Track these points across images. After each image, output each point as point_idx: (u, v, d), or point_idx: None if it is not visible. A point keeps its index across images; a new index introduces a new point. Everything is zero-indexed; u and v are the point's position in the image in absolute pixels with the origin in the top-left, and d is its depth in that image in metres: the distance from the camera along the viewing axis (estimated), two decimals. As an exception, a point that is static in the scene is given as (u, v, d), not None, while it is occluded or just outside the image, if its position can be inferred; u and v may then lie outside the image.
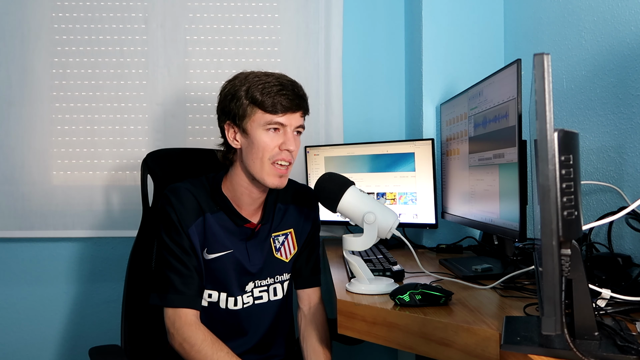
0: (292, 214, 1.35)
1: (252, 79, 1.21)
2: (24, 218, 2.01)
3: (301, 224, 1.36)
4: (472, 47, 1.92)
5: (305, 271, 1.37)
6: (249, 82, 1.21)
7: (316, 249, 1.40)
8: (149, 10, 2.06)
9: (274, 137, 1.20)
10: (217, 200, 1.27)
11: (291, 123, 1.20)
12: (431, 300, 1.04)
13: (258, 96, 1.18)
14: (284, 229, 1.34)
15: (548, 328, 0.65)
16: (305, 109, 1.24)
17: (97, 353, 1.20)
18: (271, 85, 1.19)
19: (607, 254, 1.12)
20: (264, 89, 1.19)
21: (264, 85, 1.19)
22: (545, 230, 0.66)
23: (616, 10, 1.26)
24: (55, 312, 2.10)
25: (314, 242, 1.39)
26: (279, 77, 1.22)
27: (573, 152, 0.70)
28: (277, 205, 1.34)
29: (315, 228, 1.40)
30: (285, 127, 1.20)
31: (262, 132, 1.20)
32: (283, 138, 1.20)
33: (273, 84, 1.19)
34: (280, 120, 1.19)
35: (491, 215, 1.35)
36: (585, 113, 1.37)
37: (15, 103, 2.02)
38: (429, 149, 1.75)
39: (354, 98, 2.14)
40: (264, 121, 1.19)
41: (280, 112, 1.18)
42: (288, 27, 2.08)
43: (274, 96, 1.18)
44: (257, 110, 1.20)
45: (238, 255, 1.26)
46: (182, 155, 1.59)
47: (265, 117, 1.19)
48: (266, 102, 1.18)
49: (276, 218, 1.33)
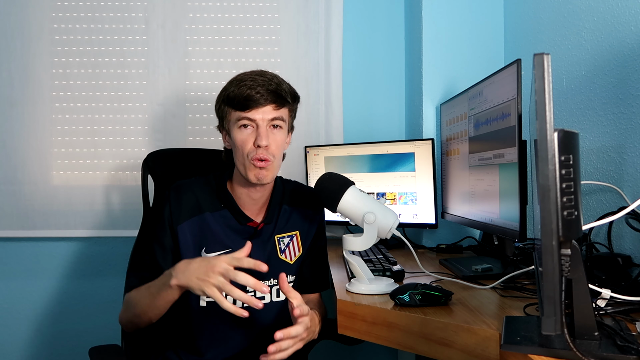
0: (298, 217, 1.35)
1: (232, 80, 1.23)
2: (25, 218, 2.02)
3: (306, 227, 1.36)
4: (472, 47, 1.92)
5: (311, 275, 1.36)
6: (229, 84, 1.23)
7: (323, 252, 1.39)
8: (149, 10, 2.06)
9: (247, 133, 1.20)
10: (221, 197, 1.28)
11: (262, 117, 1.19)
12: (431, 300, 1.04)
13: (230, 95, 1.21)
14: (290, 230, 1.34)
15: (548, 328, 0.65)
16: (279, 102, 1.21)
17: (97, 353, 1.21)
18: (243, 83, 1.19)
19: (607, 254, 1.12)
20: (236, 88, 1.20)
21: (237, 83, 1.21)
22: (545, 230, 0.66)
23: (616, 10, 1.26)
24: (56, 311, 2.10)
25: (321, 246, 1.38)
26: (257, 74, 1.21)
27: (573, 152, 0.70)
28: (282, 207, 1.34)
29: (320, 231, 1.38)
30: (256, 121, 1.20)
31: (236, 130, 1.21)
32: (256, 134, 1.20)
33: (245, 82, 1.19)
34: (247, 116, 1.19)
35: (491, 215, 1.35)
36: (585, 113, 1.37)
37: (16, 103, 2.02)
38: (429, 149, 1.75)
39: (354, 98, 2.14)
40: (235, 118, 1.21)
41: (248, 108, 1.19)
42: (288, 27, 2.08)
43: (243, 93, 1.18)
44: (230, 109, 1.22)
45: None
46: (183, 155, 1.59)
47: (236, 114, 1.20)
48: (234, 99, 1.20)
49: (281, 219, 1.33)
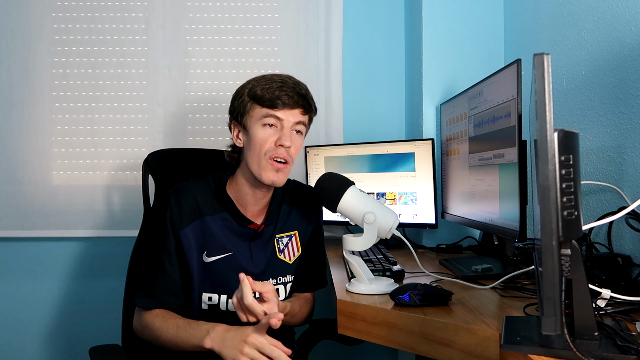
0: (296, 216, 1.35)
1: (258, 79, 1.24)
2: (25, 218, 2.02)
3: (305, 226, 1.36)
4: (472, 47, 1.92)
5: (307, 274, 1.37)
6: (255, 81, 1.23)
7: (320, 251, 1.39)
8: (149, 10, 2.06)
9: (270, 132, 1.20)
10: (221, 200, 1.27)
11: (288, 119, 1.20)
12: (431, 300, 1.04)
13: (258, 92, 1.20)
14: (289, 230, 1.34)
15: (548, 328, 0.65)
16: (307, 108, 1.23)
17: (97, 352, 1.21)
18: (272, 82, 1.20)
19: (607, 254, 1.12)
20: (265, 85, 1.20)
21: (266, 82, 1.21)
22: (545, 230, 0.66)
23: (616, 10, 1.26)
24: (56, 311, 2.10)
25: (318, 244, 1.38)
26: (285, 77, 1.23)
27: (573, 152, 0.70)
28: (282, 207, 1.33)
29: (317, 229, 1.38)
30: (282, 121, 1.20)
31: (259, 127, 1.21)
32: (279, 134, 1.20)
33: (275, 82, 1.20)
34: (276, 114, 1.19)
35: (491, 215, 1.35)
36: (585, 113, 1.37)
37: (16, 103, 2.02)
38: (429, 149, 1.75)
39: (354, 98, 2.14)
40: (260, 115, 1.20)
41: (277, 107, 1.19)
42: (288, 27, 2.08)
43: (273, 92, 1.19)
44: (255, 106, 1.21)
45: (239, 257, 1.26)
46: (183, 156, 1.59)
47: (262, 111, 1.20)
48: (264, 96, 1.19)
49: (281, 219, 1.33)
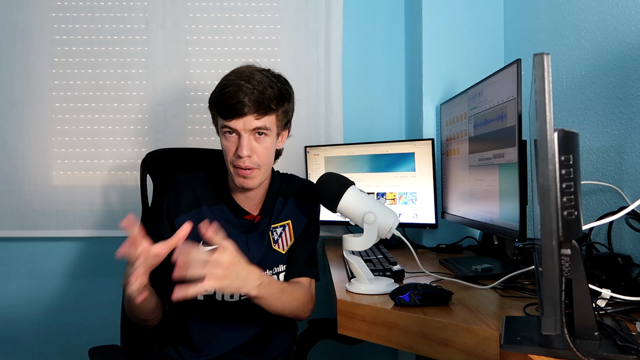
0: (290, 206, 1.35)
1: (221, 82, 1.20)
2: (24, 218, 2.02)
3: (299, 217, 1.35)
4: (472, 47, 1.92)
5: (299, 260, 1.33)
6: (218, 85, 1.20)
7: (311, 241, 1.37)
8: (149, 10, 2.06)
9: (232, 141, 1.18)
10: (219, 192, 1.28)
11: (243, 127, 1.15)
12: (431, 300, 1.04)
13: (213, 100, 1.18)
14: (282, 220, 1.34)
15: (548, 328, 0.65)
16: (262, 110, 1.15)
17: (97, 353, 1.21)
18: (225, 88, 1.15)
19: (607, 254, 1.12)
20: (219, 92, 1.17)
21: (221, 88, 1.17)
22: (545, 230, 0.66)
23: (616, 10, 1.26)
24: (56, 311, 2.10)
25: (308, 234, 1.37)
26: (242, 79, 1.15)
27: (573, 152, 0.70)
28: (277, 199, 1.34)
29: (312, 221, 1.37)
30: (237, 130, 1.16)
31: (222, 135, 1.20)
32: (238, 142, 1.17)
33: (228, 86, 1.15)
34: (229, 125, 1.16)
35: (491, 215, 1.35)
36: (585, 113, 1.37)
37: (16, 103, 2.02)
38: (429, 149, 1.75)
39: (354, 98, 2.14)
40: (220, 124, 1.19)
41: (229, 117, 1.15)
42: (288, 27, 2.08)
43: (224, 100, 1.15)
44: (216, 114, 1.21)
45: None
46: (182, 155, 1.59)
47: (220, 121, 1.19)
48: (218, 105, 1.17)
49: (276, 211, 1.33)
